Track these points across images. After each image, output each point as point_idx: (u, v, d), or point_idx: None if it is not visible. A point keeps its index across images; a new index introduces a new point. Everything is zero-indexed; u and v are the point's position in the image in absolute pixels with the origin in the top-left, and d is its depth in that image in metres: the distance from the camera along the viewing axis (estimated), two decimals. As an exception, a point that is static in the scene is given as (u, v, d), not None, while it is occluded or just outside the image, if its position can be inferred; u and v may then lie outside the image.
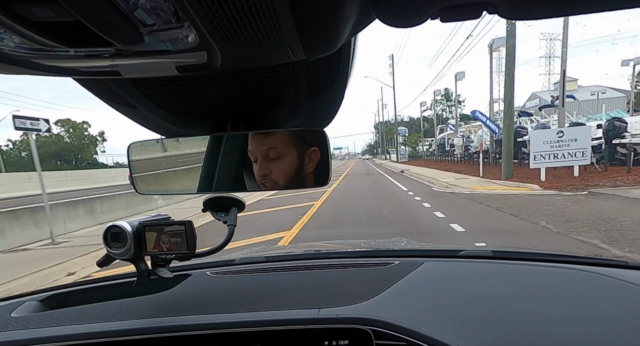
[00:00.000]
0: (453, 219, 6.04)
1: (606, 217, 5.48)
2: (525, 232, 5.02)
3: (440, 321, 0.71)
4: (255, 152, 0.69)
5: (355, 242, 1.93)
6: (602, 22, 58.78)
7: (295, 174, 0.68)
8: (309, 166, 0.68)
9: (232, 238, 0.80)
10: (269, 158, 0.68)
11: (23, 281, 4.23)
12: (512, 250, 1.23)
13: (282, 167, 0.68)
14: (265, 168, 0.68)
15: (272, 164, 0.68)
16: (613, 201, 6.90)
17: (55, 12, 0.30)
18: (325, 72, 0.60)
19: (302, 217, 7.10)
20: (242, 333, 0.72)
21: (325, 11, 0.37)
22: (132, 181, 0.77)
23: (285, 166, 0.68)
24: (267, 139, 0.68)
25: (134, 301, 0.86)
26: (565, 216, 5.82)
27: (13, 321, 0.82)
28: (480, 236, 4.97)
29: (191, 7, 0.31)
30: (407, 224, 6.01)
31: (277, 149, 0.68)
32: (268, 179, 0.69)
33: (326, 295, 0.84)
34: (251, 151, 0.69)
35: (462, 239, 4.83)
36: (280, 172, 0.68)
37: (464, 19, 0.38)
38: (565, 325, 0.68)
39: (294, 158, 0.68)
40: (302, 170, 0.68)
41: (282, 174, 0.68)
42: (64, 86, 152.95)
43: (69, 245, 6.13)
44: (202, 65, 0.45)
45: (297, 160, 0.68)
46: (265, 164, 0.68)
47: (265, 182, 0.69)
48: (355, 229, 5.73)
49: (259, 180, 0.69)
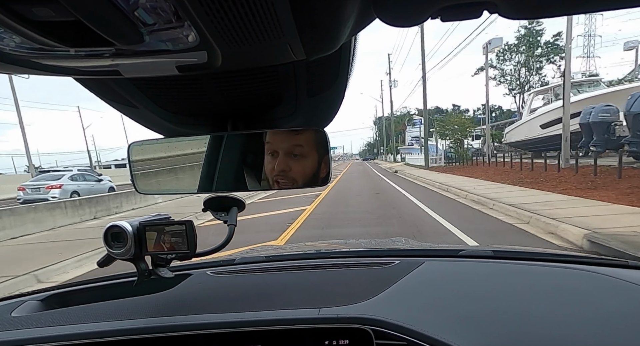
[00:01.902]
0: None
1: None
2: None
3: (440, 321, 0.71)
4: (277, 147, 0.68)
5: (356, 242, 1.93)
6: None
7: (311, 175, 0.69)
8: (323, 172, 0.68)
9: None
10: (291, 155, 0.68)
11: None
12: (513, 250, 1.23)
13: (302, 167, 0.68)
14: (286, 164, 0.68)
15: (293, 161, 0.68)
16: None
17: (55, 11, 0.30)
18: (326, 72, 0.60)
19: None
20: (242, 333, 0.72)
21: (326, 11, 0.37)
22: (132, 180, 0.77)
23: (306, 166, 0.68)
24: (294, 135, 0.68)
25: (134, 301, 0.86)
26: None
27: (13, 321, 0.82)
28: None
29: (191, 6, 0.31)
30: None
31: (303, 148, 0.68)
32: (285, 176, 0.68)
33: (326, 294, 0.85)
34: (271, 143, 0.68)
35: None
36: (300, 171, 0.68)
37: (464, 19, 0.38)
38: (566, 324, 0.68)
39: (314, 161, 0.69)
40: (318, 173, 0.69)
41: (301, 174, 0.68)
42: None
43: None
44: (202, 65, 0.45)
45: (317, 163, 0.69)
46: (287, 160, 0.68)
47: (280, 179, 0.68)
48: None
49: (275, 176, 0.68)
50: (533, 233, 5.06)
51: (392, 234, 5.24)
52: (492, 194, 8.25)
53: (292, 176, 0.68)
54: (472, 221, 6.16)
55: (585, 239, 4.26)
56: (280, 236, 5.74)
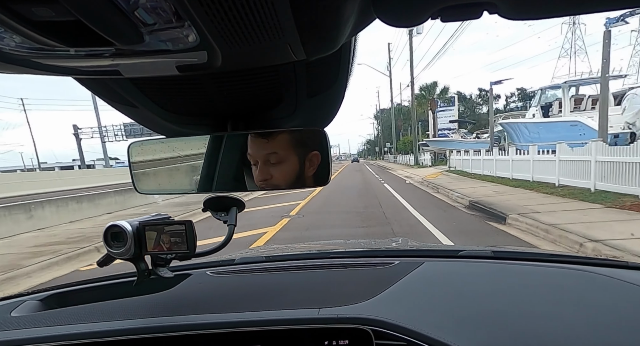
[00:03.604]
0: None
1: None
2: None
3: (440, 321, 0.71)
4: (256, 156, 0.68)
5: (356, 242, 1.93)
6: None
7: (296, 178, 0.68)
8: (310, 170, 0.68)
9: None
10: (269, 163, 0.68)
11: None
12: (512, 250, 1.23)
13: (282, 172, 0.68)
14: (266, 173, 0.68)
15: (272, 168, 0.68)
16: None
17: (55, 11, 0.30)
18: (326, 72, 0.60)
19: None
20: (242, 333, 0.72)
21: (326, 11, 0.37)
22: (132, 180, 0.77)
23: (286, 171, 0.68)
24: (267, 143, 0.68)
25: (133, 301, 0.86)
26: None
27: (13, 321, 0.82)
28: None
29: (191, 6, 0.31)
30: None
31: (278, 155, 0.68)
32: (268, 183, 0.69)
33: (326, 294, 0.84)
34: (251, 154, 0.69)
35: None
36: (280, 177, 0.68)
37: (464, 19, 0.38)
38: (565, 325, 0.68)
39: (294, 163, 0.68)
40: (303, 174, 0.68)
41: (283, 179, 0.69)
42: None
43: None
44: (202, 65, 0.45)
45: (298, 164, 0.68)
46: (266, 169, 0.68)
47: (265, 186, 0.69)
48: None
49: (259, 184, 0.69)
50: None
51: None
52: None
53: (274, 183, 0.69)
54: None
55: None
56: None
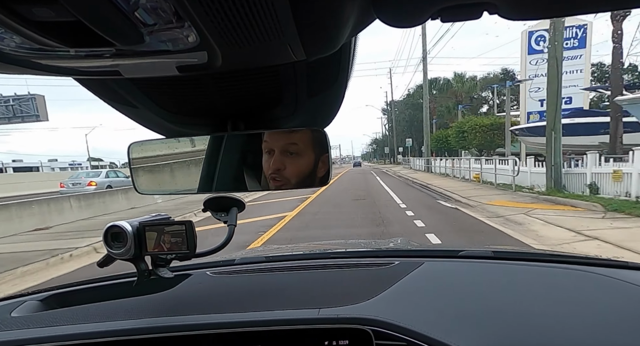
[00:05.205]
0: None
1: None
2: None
3: (440, 321, 0.71)
4: (273, 145, 0.68)
5: (356, 242, 1.93)
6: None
7: (307, 175, 0.68)
8: (321, 170, 0.68)
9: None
10: (286, 153, 0.68)
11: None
12: (512, 251, 1.23)
13: (297, 166, 0.68)
14: (281, 163, 0.68)
15: (288, 159, 0.68)
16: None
17: (55, 12, 0.30)
18: (326, 72, 0.60)
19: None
20: (242, 333, 0.72)
21: (326, 11, 0.37)
22: (132, 180, 0.77)
23: (301, 165, 0.68)
24: (289, 134, 0.68)
25: (134, 301, 0.86)
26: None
27: (13, 321, 0.82)
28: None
29: (192, 7, 0.31)
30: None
31: (298, 146, 0.68)
32: (280, 174, 0.68)
33: (326, 295, 0.84)
34: (268, 141, 0.68)
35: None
36: (294, 169, 0.68)
37: (464, 19, 0.38)
38: (565, 325, 0.68)
39: (310, 159, 0.68)
40: (314, 173, 0.68)
41: (296, 172, 0.68)
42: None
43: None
44: (202, 65, 0.45)
45: (313, 162, 0.68)
46: (282, 159, 0.68)
47: (276, 177, 0.68)
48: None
49: (270, 175, 0.68)
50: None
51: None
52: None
53: (286, 175, 0.68)
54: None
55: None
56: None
